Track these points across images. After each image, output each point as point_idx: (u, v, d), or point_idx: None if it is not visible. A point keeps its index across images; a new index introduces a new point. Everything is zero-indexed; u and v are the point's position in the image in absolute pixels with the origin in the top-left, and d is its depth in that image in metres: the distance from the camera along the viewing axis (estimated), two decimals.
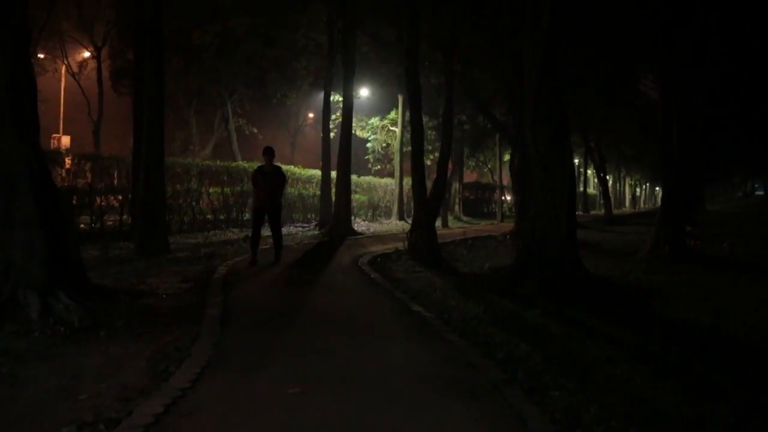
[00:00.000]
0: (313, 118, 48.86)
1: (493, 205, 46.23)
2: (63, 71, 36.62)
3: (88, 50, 34.10)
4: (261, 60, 30.67)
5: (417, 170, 14.13)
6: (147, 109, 13.36)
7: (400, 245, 15.16)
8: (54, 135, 41.91)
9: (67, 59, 33.50)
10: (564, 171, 9.85)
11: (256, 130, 38.06)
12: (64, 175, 17.03)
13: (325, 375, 4.97)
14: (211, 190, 21.97)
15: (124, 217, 17.93)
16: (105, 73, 37.13)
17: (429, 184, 15.18)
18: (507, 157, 54.53)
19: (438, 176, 14.40)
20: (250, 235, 12.68)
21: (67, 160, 18.12)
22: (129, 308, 7.19)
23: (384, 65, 31.01)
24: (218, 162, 23.17)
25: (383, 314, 7.50)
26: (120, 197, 17.99)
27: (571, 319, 7.74)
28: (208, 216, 21.70)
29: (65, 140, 41.66)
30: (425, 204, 13.97)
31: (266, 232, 13.03)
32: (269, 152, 11.75)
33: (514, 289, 9.53)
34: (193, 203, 20.84)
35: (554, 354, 5.87)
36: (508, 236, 20.90)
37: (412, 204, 35.52)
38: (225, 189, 22.15)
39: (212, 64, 31.53)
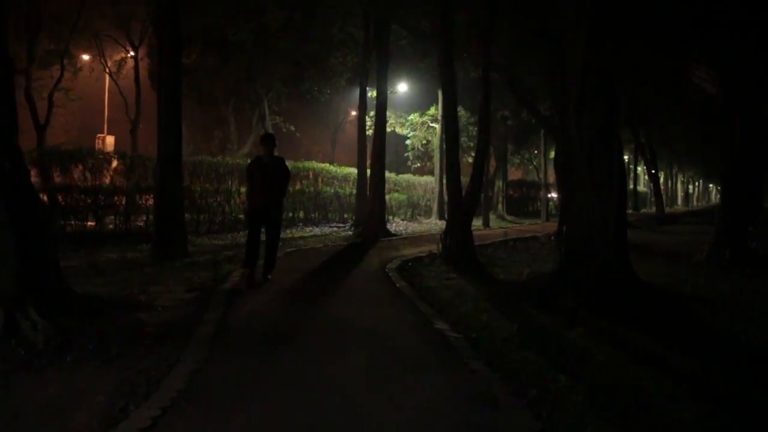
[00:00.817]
0: (355, 116, 48.00)
1: (539, 204, 44.81)
2: (107, 71, 36.52)
3: (126, 49, 33.81)
4: (297, 56, 29.97)
5: (451, 167, 13.09)
6: (162, 104, 12.63)
7: (434, 248, 14.13)
8: (99, 135, 42.05)
9: (104, 58, 33.30)
10: (612, 167, 8.71)
11: (293, 128, 37.32)
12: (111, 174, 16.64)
13: (312, 420, 4.02)
14: (242, 190, 21.28)
15: (151, 217, 17.32)
16: (143, 73, 37.05)
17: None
18: (553, 154, 53.30)
19: (474, 173, 13.32)
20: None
21: (114, 161, 17.68)
22: (111, 325, 6.35)
23: (423, 60, 29.97)
24: (248, 160, 22.42)
25: (401, 333, 6.50)
26: (147, 197, 17.37)
27: (620, 339, 6.63)
28: (240, 216, 21.01)
29: (110, 140, 41.75)
30: (460, 204, 12.91)
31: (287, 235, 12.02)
32: (269, 140, 9.45)
33: (555, 301, 8.44)
34: (224, 203, 20.16)
35: (601, 389, 4.80)
36: (552, 237, 19.63)
37: None
38: None
39: (248, 61, 31.01)
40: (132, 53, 33.71)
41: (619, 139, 9.10)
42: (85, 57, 36.17)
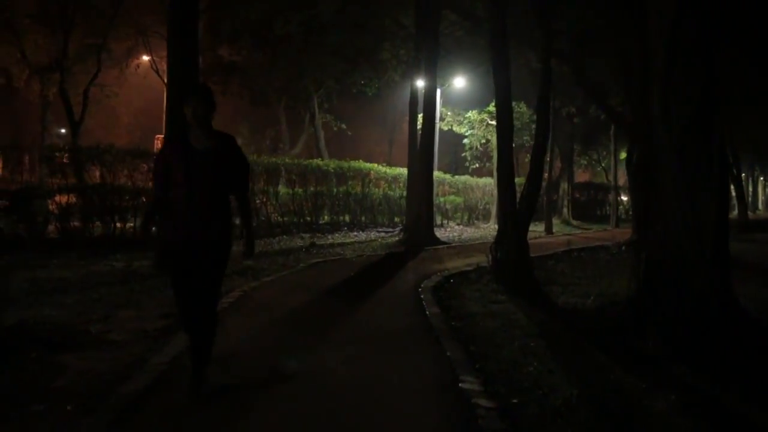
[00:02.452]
0: None
1: (607, 208, 41.89)
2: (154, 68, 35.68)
3: None
4: (347, 50, 28.36)
5: (503, 163, 11.01)
6: (170, 89, 11.04)
7: (485, 259, 12.09)
8: (157, 136, 41.58)
9: (152, 56, 32.32)
10: (711, 160, 6.53)
11: (344, 127, 35.68)
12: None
13: None
14: (281, 191, 19.72)
15: None
16: None
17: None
18: (624, 155, 50.09)
19: (532, 172, 11.20)
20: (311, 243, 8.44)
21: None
22: (7, 377, 4.64)
23: (482, 53, 27.89)
24: (286, 159, 20.85)
25: (407, 401, 4.55)
26: None
27: (730, 412, 4.52)
28: (281, 219, 19.45)
29: (160, 138, 41.29)
30: (514, 208, 10.82)
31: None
32: (199, 96, 4.42)
33: (633, 341, 6.35)
34: (263, 205, 18.61)
35: None
36: (623, 247, 17.30)
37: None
38: (295, 189, 19.78)
39: (298, 56, 29.60)
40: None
41: (720, 125, 6.90)
42: (145, 58, 35.54)
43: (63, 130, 31.55)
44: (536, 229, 26.87)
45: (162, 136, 44.31)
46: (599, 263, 14.07)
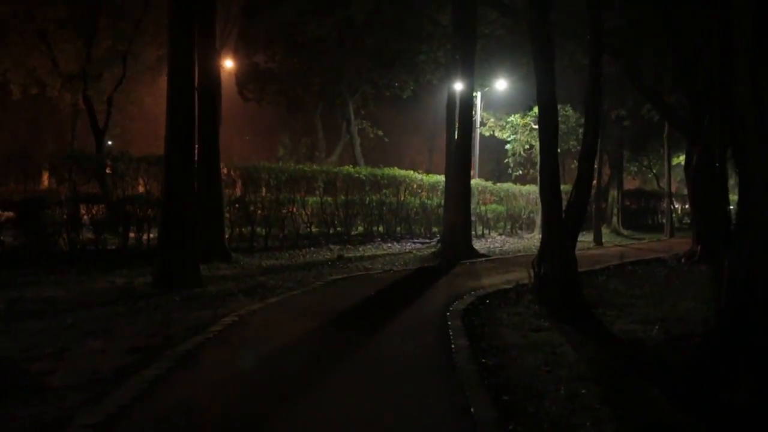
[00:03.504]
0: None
1: (659, 216, 39.76)
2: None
3: None
4: (384, 53, 27.22)
5: (546, 170, 9.58)
6: (170, 88, 9.96)
7: (527, 275, 10.67)
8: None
9: None
10: None
11: (381, 133, 34.48)
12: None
13: None
14: (310, 200, 18.58)
15: None
16: (224, 76, 35.41)
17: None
18: (678, 159, 47.65)
19: (580, 178, 9.75)
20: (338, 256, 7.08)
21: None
22: None
23: (524, 53, 26.42)
24: (314, 166, 19.71)
25: None
26: None
27: None
28: (309, 230, 18.31)
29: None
30: (560, 218, 9.38)
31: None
32: None
33: (717, 390, 4.91)
34: (295, 214, 17.49)
35: None
36: (682, 259, 15.64)
37: None
38: (324, 198, 18.60)
39: (333, 60, 28.61)
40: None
41: None
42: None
43: (110, 142, 31.01)
44: (584, 239, 25.17)
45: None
46: (657, 279, 12.49)
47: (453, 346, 6.13)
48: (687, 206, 38.03)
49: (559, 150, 30.33)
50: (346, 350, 6.10)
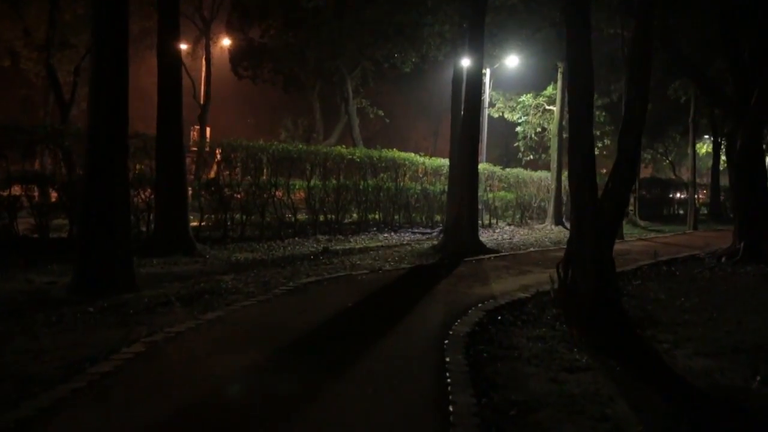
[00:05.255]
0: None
1: (675, 207, 37.51)
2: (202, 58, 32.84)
3: (196, 26, 29.91)
4: (386, 26, 24.96)
5: (580, 152, 7.38)
6: (94, 52, 7.82)
7: (546, 278, 8.54)
8: (195, 126, 39.17)
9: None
10: None
11: (382, 113, 32.22)
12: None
13: None
14: (297, 185, 16.44)
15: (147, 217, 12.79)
16: (217, 53, 33.22)
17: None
18: (705, 149, 45.30)
19: (620, 163, 7.57)
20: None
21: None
22: None
23: (538, 31, 24.19)
24: (299, 146, 17.54)
25: None
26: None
27: None
28: (294, 217, 16.17)
29: (206, 132, 38.92)
30: (594, 213, 7.23)
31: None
32: None
33: None
34: (270, 200, 15.36)
35: None
36: (722, 258, 13.49)
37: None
38: (312, 182, 16.45)
39: (331, 34, 26.38)
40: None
41: None
42: (183, 47, 32.91)
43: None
44: None
45: (198, 127, 41.65)
46: (701, 284, 10.37)
47: (451, 408, 3.99)
48: (699, 197, 35.87)
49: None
50: (278, 420, 3.95)
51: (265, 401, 4.18)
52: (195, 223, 14.07)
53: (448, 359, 5.02)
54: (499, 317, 6.86)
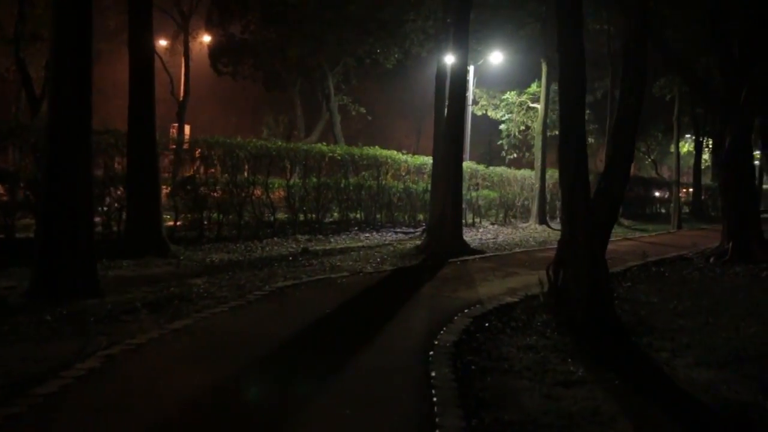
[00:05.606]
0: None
1: (657, 206, 37.38)
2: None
3: (175, 21, 29.24)
4: (368, 23, 24.51)
5: (572, 147, 7.00)
6: (54, 41, 7.32)
7: (535, 280, 8.19)
8: (174, 124, 38.50)
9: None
10: None
11: (364, 110, 31.75)
12: None
13: None
14: (276, 183, 15.96)
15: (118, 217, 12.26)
16: (196, 49, 32.60)
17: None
18: (686, 147, 45.25)
19: (614, 160, 7.22)
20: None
21: None
22: None
23: (523, 28, 23.88)
24: (278, 143, 17.05)
25: None
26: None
27: None
28: (273, 217, 15.66)
29: (185, 130, 38.27)
30: (586, 211, 6.85)
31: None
32: None
33: None
34: (248, 199, 14.87)
35: None
36: (711, 258, 13.22)
37: (557, 203, 28.11)
38: (291, 181, 15.98)
39: (312, 30, 25.87)
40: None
41: None
42: (162, 42, 32.16)
43: None
44: None
45: (176, 125, 41.00)
46: (692, 286, 10.06)
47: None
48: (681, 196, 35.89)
49: (554, 132, 27.81)
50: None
51: (229, 426, 3.74)
52: (171, 223, 13.60)
53: (433, 373, 4.61)
54: (487, 324, 6.46)
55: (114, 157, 12.59)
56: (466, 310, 6.96)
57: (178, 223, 13.87)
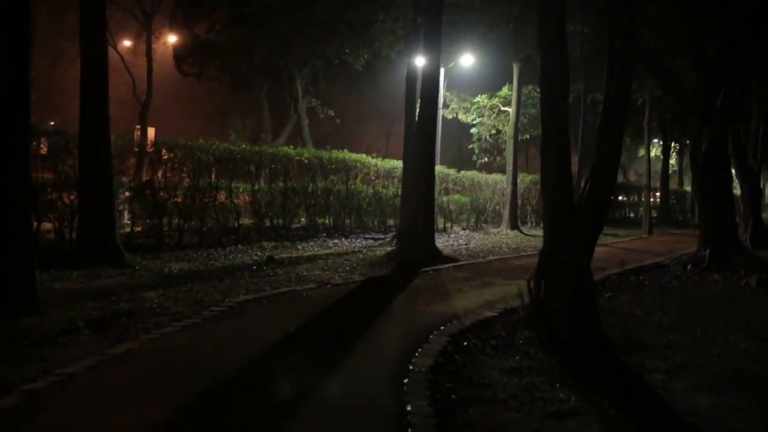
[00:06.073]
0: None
1: (626, 210, 37.38)
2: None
3: (136, 18, 28.26)
4: (337, 23, 23.94)
5: (555, 143, 6.50)
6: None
7: (514, 290, 7.72)
8: (138, 126, 37.44)
9: (109, 32, 27.55)
10: None
11: (332, 113, 31.14)
12: None
13: None
14: (239, 188, 15.30)
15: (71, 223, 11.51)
16: (161, 50, 31.67)
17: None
18: (654, 152, 45.35)
19: (600, 162, 6.76)
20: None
21: None
22: None
23: (492, 30, 23.49)
24: (243, 146, 16.36)
25: None
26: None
27: None
28: (237, 223, 14.96)
29: (149, 132, 37.24)
30: (571, 217, 6.37)
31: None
32: None
33: None
34: (211, 205, 14.19)
35: None
36: (688, 266, 12.90)
37: (528, 208, 27.85)
38: (257, 185, 15.33)
39: (279, 30, 25.20)
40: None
41: None
42: (127, 43, 31.12)
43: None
44: None
45: (139, 126, 39.97)
46: (674, 296, 9.68)
47: None
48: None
49: (525, 137, 27.41)
50: None
51: None
52: (130, 230, 12.88)
53: (409, 407, 4.05)
54: (465, 343, 5.93)
55: (66, 160, 11.87)
56: (442, 327, 6.42)
57: (137, 230, 13.18)
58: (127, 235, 12.61)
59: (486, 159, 27.97)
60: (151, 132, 36.49)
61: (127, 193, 13.38)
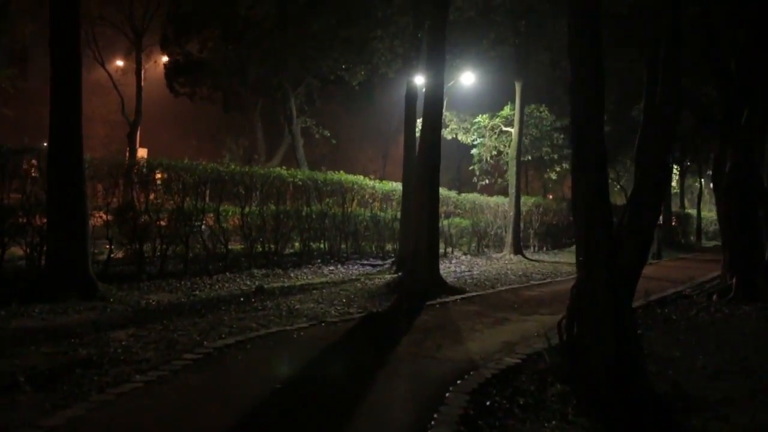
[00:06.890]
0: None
1: None
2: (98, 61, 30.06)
3: (126, 36, 27.47)
4: (333, 40, 23.11)
5: (592, 164, 5.50)
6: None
7: (533, 328, 6.67)
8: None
9: (98, 49, 26.82)
10: None
11: (328, 133, 30.24)
12: None
13: None
14: (228, 211, 14.28)
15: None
16: (152, 68, 30.88)
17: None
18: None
19: (641, 191, 5.76)
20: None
21: None
22: None
23: (495, 47, 22.69)
24: (232, 166, 15.35)
25: None
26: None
27: None
28: (224, 249, 13.90)
29: (141, 152, 36.34)
30: (610, 248, 5.37)
31: None
32: None
33: None
34: (197, 229, 13.19)
35: None
36: (714, 296, 11.90)
37: (531, 232, 26.85)
38: (248, 209, 14.32)
39: (273, 47, 24.40)
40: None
41: None
42: (119, 63, 30.35)
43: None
44: (559, 259, 21.52)
45: (129, 148, 38.94)
46: (706, 331, 8.72)
47: None
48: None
49: (527, 158, 26.50)
50: None
51: None
52: (107, 256, 11.83)
53: None
54: (489, 402, 4.89)
55: (37, 180, 10.88)
56: (459, 382, 5.37)
57: (116, 256, 12.13)
58: (104, 262, 11.57)
59: (487, 181, 27.04)
60: (142, 153, 35.54)
61: (105, 217, 12.38)
